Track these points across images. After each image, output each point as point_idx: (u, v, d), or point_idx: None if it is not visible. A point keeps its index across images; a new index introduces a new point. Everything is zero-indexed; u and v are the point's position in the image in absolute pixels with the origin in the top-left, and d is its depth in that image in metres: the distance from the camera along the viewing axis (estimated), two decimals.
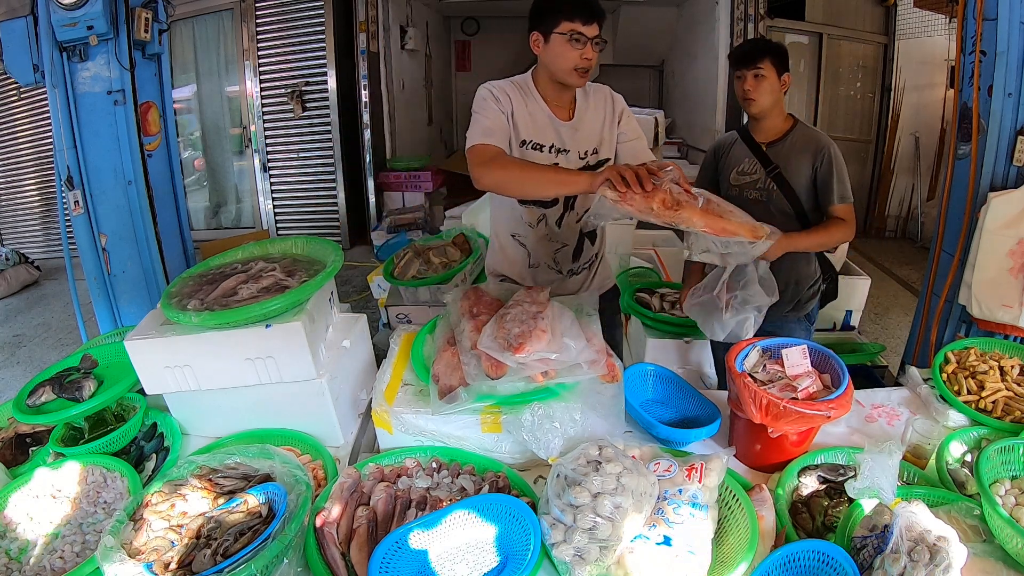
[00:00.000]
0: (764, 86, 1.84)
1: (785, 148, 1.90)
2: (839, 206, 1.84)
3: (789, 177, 1.88)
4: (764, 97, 1.85)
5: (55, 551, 1.17)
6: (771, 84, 1.84)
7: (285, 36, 5.37)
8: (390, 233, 5.26)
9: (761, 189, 1.93)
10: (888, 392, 1.71)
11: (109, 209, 2.62)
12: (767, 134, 1.94)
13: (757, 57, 1.83)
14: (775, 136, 1.93)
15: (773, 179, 1.90)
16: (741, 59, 1.86)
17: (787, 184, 1.88)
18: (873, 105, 5.87)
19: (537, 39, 1.59)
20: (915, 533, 1.02)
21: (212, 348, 1.37)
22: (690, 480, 1.16)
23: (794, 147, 1.89)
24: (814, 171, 1.86)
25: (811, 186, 1.88)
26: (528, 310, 1.40)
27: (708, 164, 2.08)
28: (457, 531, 1.10)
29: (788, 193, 1.89)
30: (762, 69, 1.82)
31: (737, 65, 1.86)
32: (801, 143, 1.89)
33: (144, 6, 2.55)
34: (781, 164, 1.89)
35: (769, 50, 1.85)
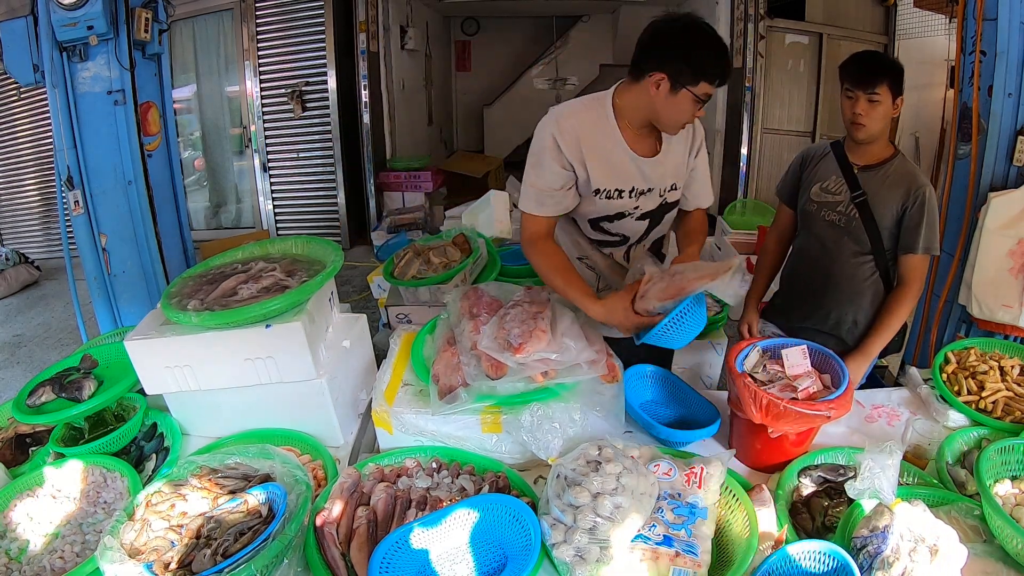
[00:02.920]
0: (878, 112, 1.65)
1: (879, 176, 1.72)
2: (918, 256, 1.67)
3: (875, 208, 1.71)
4: (876, 124, 1.67)
5: (55, 551, 1.17)
6: (885, 110, 1.65)
7: (285, 36, 5.37)
8: (390, 233, 5.26)
9: (841, 213, 1.76)
10: (888, 392, 1.71)
11: (109, 209, 2.62)
12: (864, 157, 1.75)
13: (876, 81, 1.62)
14: (872, 161, 1.74)
15: (857, 206, 1.73)
16: (858, 80, 1.64)
17: (871, 215, 1.71)
18: None
19: (662, 83, 1.37)
20: (915, 533, 1.02)
21: (212, 348, 1.37)
22: (689, 485, 1.16)
23: (888, 178, 1.71)
24: (903, 209, 1.68)
25: (895, 225, 1.70)
26: (528, 310, 1.40)
27: (793, 171, 1.92)
28: (457, 531, 1.10)
29: (869, 225, 1.72)
30: (879, 95, 1.62)
31: (851, 84, 1.66)
32: (897, 176, 1.70)
33: (144, 6, 2.55)
34: (870, 192, 1.72)
35: (888, 72, 1.63)
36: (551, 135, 1.46)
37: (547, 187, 1.48)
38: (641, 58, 1.41)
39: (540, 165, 1.48)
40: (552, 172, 1.47)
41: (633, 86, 1.45)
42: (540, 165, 1.48)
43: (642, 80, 1.41)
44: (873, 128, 1.68)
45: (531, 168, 1.50)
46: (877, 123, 1.67)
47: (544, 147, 1.47)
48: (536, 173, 1.49)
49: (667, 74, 1.36)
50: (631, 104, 1.47)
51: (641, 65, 1.40)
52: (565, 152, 1.45)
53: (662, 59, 1.37)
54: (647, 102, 1.43)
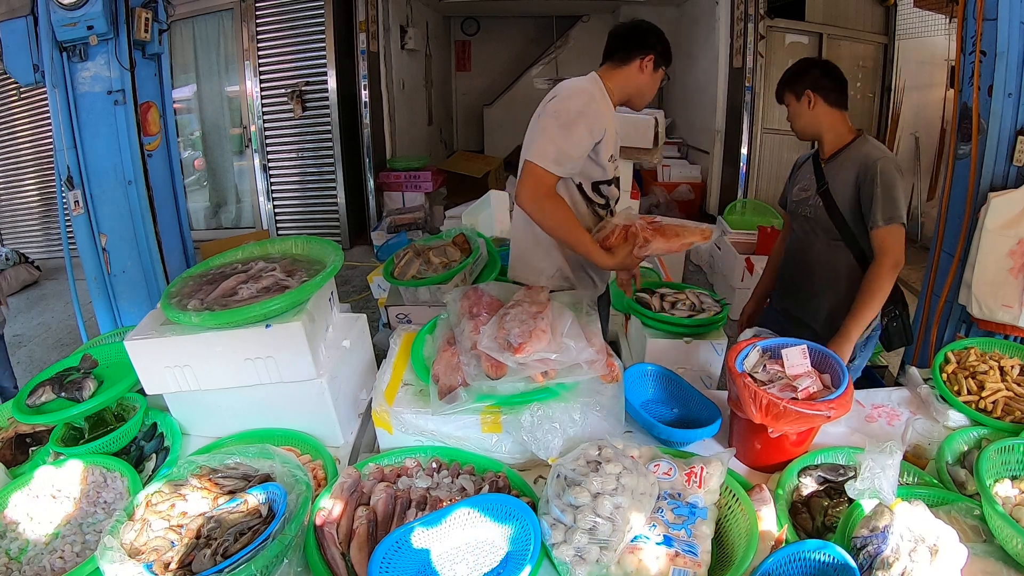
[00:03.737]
0: (793, 114, 1.87)
1: (837, 163, 1.81)
2: (883, 229, 1.67)
3: (835, 194, 1.79)
4: (796, 123, 1.88)
5: (55, 551, 1.17)
6: (796, 110, 1.85)
7: (285, 36, 5.37)
8: (390, 233, 5.26)
9: (811, 206, 1.86)
10: (888, 392, 1.71)
11: (109, 209, 2.62)
12: (825, 150, 1.87)
13: (780, 93, 1.88)
14: (832, 151, 1.84)
15: (821, 195, 1.82)
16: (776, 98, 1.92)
17: (833, 202, 1.79)
18: (873, 105, 5.87)
19: (650, 63, 1.71)
20: (915, 533, 1.02)
21: (212, 348, 1.37)
22: (689, 485, 1.16)
23: (845, 162, 1.79)
24: (857, 187, 1.73)
25: (855, 205, 1.75)
26: (528, 310, 1.40)
27: (787, 180, 2.06)
28: (457, 531, 1.10)
29: (833, 212, 1.78)
30: (786, 102, 1.87)
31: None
32: (852, 158, 1.77)
33: (144, 6, 2.55)
34: (831, 180, 1.80)
35: (785, 83, 1.86)
36: (586, 107, 1.62)
37: (570, 151, 1.60)
38: (628, 45, 1.70)
39: (571, 127, 1.60)
40: (581, 137, 1.61)
41: (618, 70, 1.73)
42: (571, 127, 1.60)
43: (630, 63, 1.71)
44: (798, 127, 1.88)
45: (559, 128, 1.60)
46: (796, 122, 1.88)
47: (580, 112, 1.60)
48: (565, 135, 1.60)
49: (654, 56, 1.71)
50: (618, 85, 1.73)
51: (629, 51, 1.70)
52: (596, 127, 1.62)
53: (650, 46, 1.71)
54: (633, 81, 1.73)
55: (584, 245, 1.64)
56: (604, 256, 1.65)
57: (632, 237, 1.64)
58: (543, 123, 1.62)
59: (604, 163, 1.71)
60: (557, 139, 1.59)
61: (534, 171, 1.59)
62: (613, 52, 1.74)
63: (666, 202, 5.97)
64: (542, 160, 1.58)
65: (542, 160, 1.58)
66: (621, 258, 1.65)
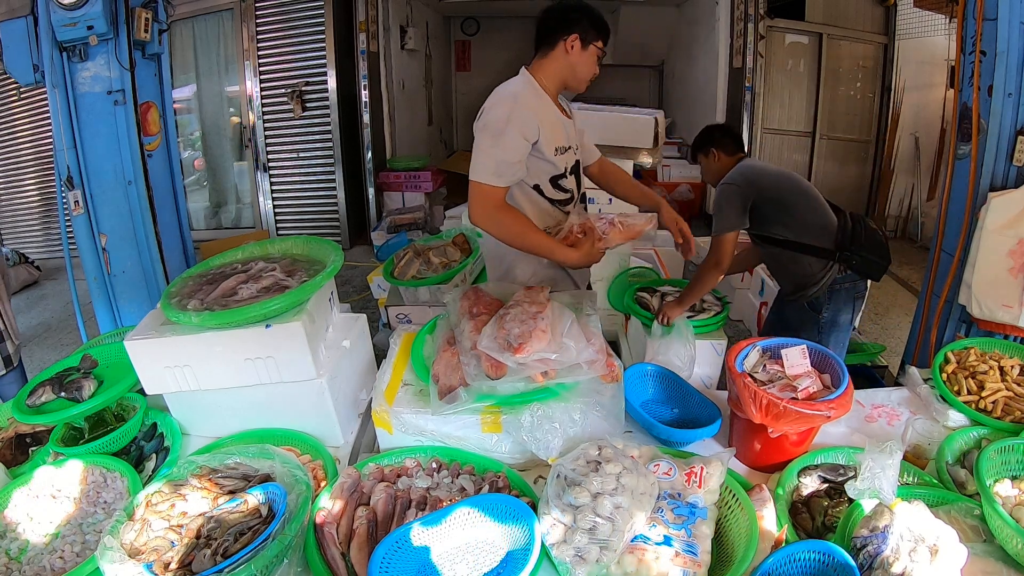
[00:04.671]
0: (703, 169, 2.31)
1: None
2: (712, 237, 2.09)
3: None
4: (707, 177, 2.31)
5: (55, 551, 1.17)
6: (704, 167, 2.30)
7: (285, 36, 5.37)
8: (390, 233, 5.26)
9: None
10: (888, 392, 1.71)
11: (109, 209, 2.62)
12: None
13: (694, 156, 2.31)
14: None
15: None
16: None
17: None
18: (873, 105, 5.86)
19: (574, 42, 1.68)
20: (915, 533, 1.02)
21: (212, 348, 1.37)
22: (689, 485, 1.16)
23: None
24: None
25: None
26: (528, 310, 1.40)
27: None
28: (457, 531, 1.10)
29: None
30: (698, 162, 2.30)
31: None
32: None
33: (144, 6, 2.55)
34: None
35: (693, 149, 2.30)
36: (508, 113, 1.61)
37: (507, 158, 1.60)
38: (550, 31, 1.70)
39: (501, 136, 1.60)
40: (514, 143, 1.61)
41: (546, 58, 1.72)
42: (501, 136, 1.60)
43: (555, 47, 1.70)
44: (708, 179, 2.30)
45: (489, 139, 1.61)
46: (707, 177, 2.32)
47: (503, 122, 1.60)
48: (498, 146, 1.60)
49: (577, 34, 1.67)
50: (549, 74, 1.73)
51: (552, 36, 1.69)
52: (527, 123, 1.62)
53: (571, 25, 1.67)
54: (563, 64, 1.71)
55: (545, 247, 1.66)
56: (568, 253, 1.66)
57: (590, 232, 1.69)
58: (477, 140, 1.65)
59: (551, 158, 1.71)
60: (492, 152, 1.60)
61: (480, 189, 1.62)
62: (538, 41, 1.74)
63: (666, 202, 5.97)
64: (483, 176, 1.61)
65: (483, 176, 1.61)
66: (584, 253, 1.66)
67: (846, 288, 2.07)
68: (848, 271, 2.05)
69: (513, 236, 1.65)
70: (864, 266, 2.04)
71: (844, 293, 2.07)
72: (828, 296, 2.08)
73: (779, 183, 2.09)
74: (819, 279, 2.07)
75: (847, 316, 2.11)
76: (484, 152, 1.61)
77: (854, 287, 2.08)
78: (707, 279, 2.06)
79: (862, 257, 2.03)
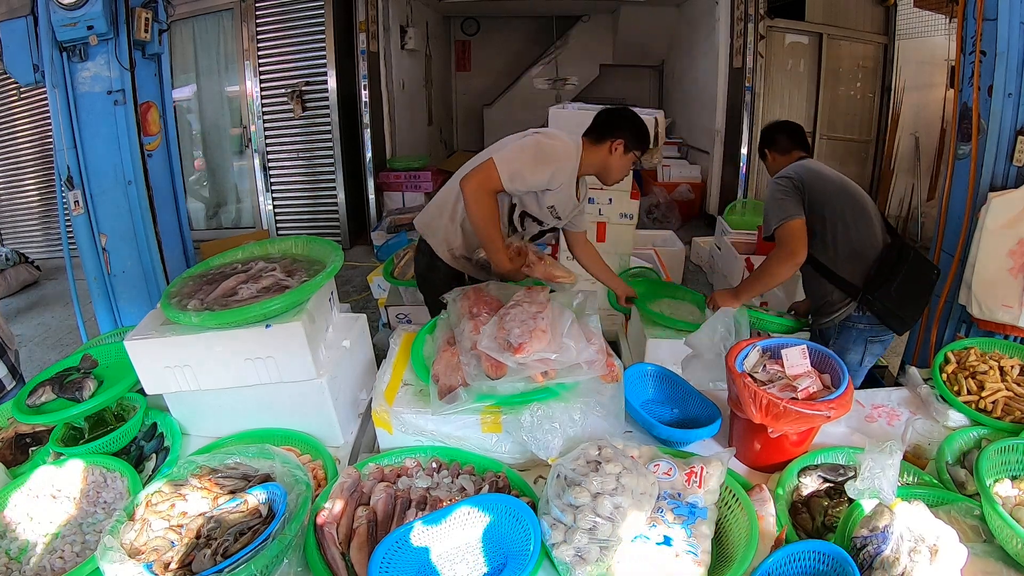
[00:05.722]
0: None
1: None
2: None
3: None
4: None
5: (55, 551, 1.17)
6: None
7: (285, 36, 5.36)
8: (390, 233, 5.25)
9: None
10: (888, 392, 1.71)
11: (109, 209, 2.62)
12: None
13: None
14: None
15: None
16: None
17: None
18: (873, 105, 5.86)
19: (619, 147, 1.91)
20: (915, 533, 1.02)
21: (212, 348, 1.37)
22: (689, 485, 1.16)
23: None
24: None
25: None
26: (528, 310, 1.40)
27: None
28: (457, 531, 1.10)
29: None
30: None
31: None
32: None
33: (144, 6, 2.55)
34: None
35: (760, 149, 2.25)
36: (565, 160, 1.85)
37: (526, 178, 1.81)
38: (604, 128, 1.93)
39: (539, 164, 1.81)
40: (540, 176, 1.82)
41: (594, 146, 1.93)
42: (539, 164, 1.81)
43: (603, 143, 1.92)
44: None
45: (532, 158, 1.82)
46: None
47: (555, 160, 1.83)
48: (531, 165, 1.81)
49: (625, 140, 1.91)
50: (588, 160, 1.94)
51: (604, 132, 1.92)
52: (556, 179, 1.85)
53: (622, 131, 1.91)
54: (603, 159, 1.94)
55: (493, 243, 1.85)
56: (505, 259, 1.87)
57: (523, 256, 1.92)
58: (526, 144, 1.85)
59: (543, 207, 1.93)
60: (524, 164, 1.80)
61: (491, 171, 1.78)
62: (593, 130, 1.96)
63: (666, 202, 5.97)
64: (503, 168, 1.78)
65: (503, 168, 1.78)
66: (516, 267, 1.90)
67: (859, 328, 1.93)
68: (867, 311, 1.88)
69: (481, 217, 1.82)
70: (887, 313, 1.86)
71: (856, 333, 1.94)
72: (837, 330, 1.96)
73: (830, 193, 1.90)
74: (834, 310, 1.94)
75: (855, 357, 1.97)
76: (521, 157, 1.81)
77: (869, 329, 1.92)
78: (779, 271, 1.86)
79: (884, 305, 1.85)
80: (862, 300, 1.87)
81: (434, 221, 2.09)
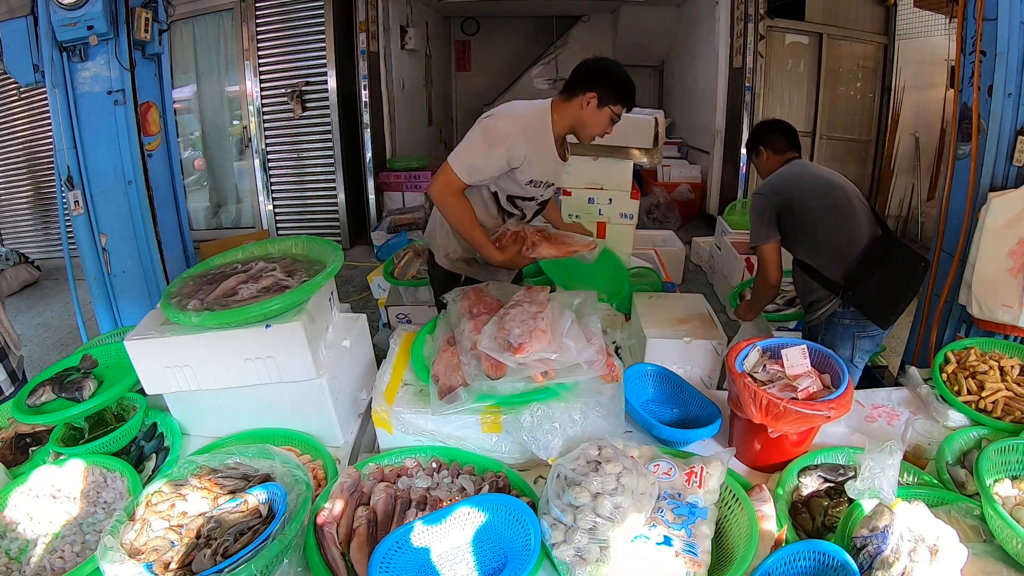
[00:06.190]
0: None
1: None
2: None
3: None
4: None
5: (55, 551, 1.17)
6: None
7: (285, 36, 5.36)
8: (390, 233, 5.26)
9: None
10: (888, 392, 1.71)
11: (109, 209, 2.62)
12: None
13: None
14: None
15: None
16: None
17: None
18: (873, 105, 5.86)
19: (591, 100, 1.78)
20: (915, 533, 1.02)
21: (212, 348, 1.37)
22: (689, 485, 1.16)
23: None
24: None
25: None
26: (528, 310, 1.40)
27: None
28: (457, 531, 1.10)
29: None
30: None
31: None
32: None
33: (144, 6, 2.55)
34: None
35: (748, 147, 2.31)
36: (502, 138, 1.74)
37: (482, 167, 1.77)
38: (576, 82, 1.80)
39: (491, 148, 1.75)
40: (496, 161, 1.76)
41: (566, 103, 1.82)
42: (491, 148, 1.75)
43: (574, 99, 1.80)
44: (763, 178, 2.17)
45: (482, 144, 1.76)
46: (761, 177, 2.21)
47: (504, 139, 1.74)
48: (484, 152, 1.76)
49: (597, 93, 1.77)
50: (562, 116, 1.83)
51: (576, 87, 1.79)
52: (511, 154, 1.75)
53: (593, 84, 1.77)
54: (576, 115, 1.82)
55: (477, 240, 1.82)
56: (494, 252, 1.82)
57: (520, 240, 1.84)
58: (473, 134, 1.79)
59: (523, 184, 1.85)
60: (475, 154, 1.76)
61: (448, 173, 1.76)
62: (566, 86, 1.86)
63: (666, 202, 5.98)
64: (457, 166, 1.75)
65: (457, 166, 1.75)
66: (510, 256, 1.82)
67: (844, 324, 1.98)
68: (850, 307, 1.94)
69: (455, 220, 1.83)
70: (867, 307, 1.92)
71: (842, 328, 1.99)
72: (824, 326, 2.02)
73: (810, 197, 1.97)
74: (820, 307, 2.01)
75: (844, 352, 2.00)
76: (471, 149, 1.77)
77: (856, 324, 1.97)
78: (764, 293, 2.09)
79: (868, 297, 1.91)
80: (844, 295, 1.95)
81: (433, 229, 2.09)
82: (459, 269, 2.06)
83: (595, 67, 1.81)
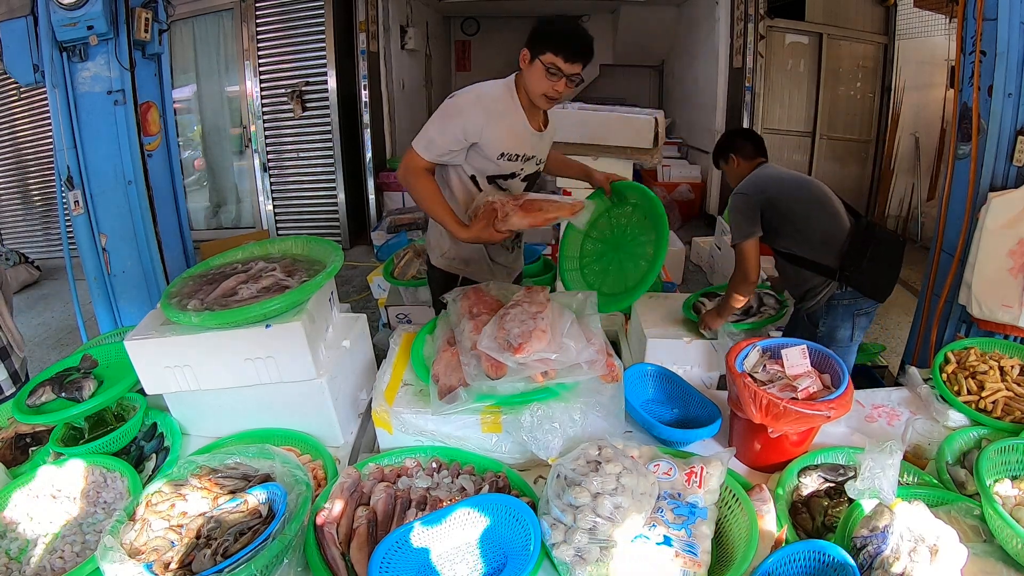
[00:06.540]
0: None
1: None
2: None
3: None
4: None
5: (55, 551, 1.17)
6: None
7: (285, 36, 5.36)
8: (390, 233, 5.26)
9: None
10: (888, 392, 1.71)
11: (109, 209, 2.62)
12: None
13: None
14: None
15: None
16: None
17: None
18: (873, 105, 5.86)
19: (525, 56, 1.72)
20: (915, 533, 1.02)
21: (212, 348, 1.37)
22: (689, 485, 1.16)
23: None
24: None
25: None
26: (528, 310, 1.40)
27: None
28: (457, 531, 1.10)
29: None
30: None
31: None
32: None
33: (144, 6, 2.55)
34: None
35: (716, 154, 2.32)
36: (458, 110, 1.72)
37: (439, 142, 1.73)
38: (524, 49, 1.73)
39: (447, 121, 1.73)
40: (452, 134, 1.72)
41: (521, 72, 1.77)
42: (447, 121, 1.73)
43: (520, 63, 1.75)
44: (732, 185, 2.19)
45: (438, 121, 1.74)
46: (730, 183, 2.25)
47: (450, 114, 1.72)
48: (440, 127, 1.73)
49: (528, 48, 1.70)
50: (522, 85, 1.78)
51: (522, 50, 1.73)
52: (467, 126, 1.71)
53: (528, 37, 1.70)
54: (525, 79, 1.76)
55: (441, 218, 1.76)
56: (459, 228, 1.74)
57: (490, 215, 1.71)
58: (434, 114, 1.77)
59: (493, 160, 1.78)
60: (431, 130, 1.74)
61: (410, 153, 1.76)
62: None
63: (666, 202, 5.98)
64: (417, 144, 1.75)
65: (417, 144, 1.75)
66: (476, 231, 1.71)
67: (844, 304, 2.05)
68: (848, 287, 2.02)
69: (419, 198, 1.78)
70: (866, 285, 2.02)
71: (842, 309, 2.06)
72: (825, 310, 2.08)
73: (791, 193, 2.06)
74: (818, 293, 2.06)
75: (845, 332, 2.09)
76: (428, 126, 1.75)
77: (854, 304, 2.05)
78: (738, 293, 2.02)
79: (865, 275, 2.00)
80: (841, 277, 2.02)
81: (430, 231, 2.09)
82: (456, 269, 2.04)
83: (536, 25, 1.71)
